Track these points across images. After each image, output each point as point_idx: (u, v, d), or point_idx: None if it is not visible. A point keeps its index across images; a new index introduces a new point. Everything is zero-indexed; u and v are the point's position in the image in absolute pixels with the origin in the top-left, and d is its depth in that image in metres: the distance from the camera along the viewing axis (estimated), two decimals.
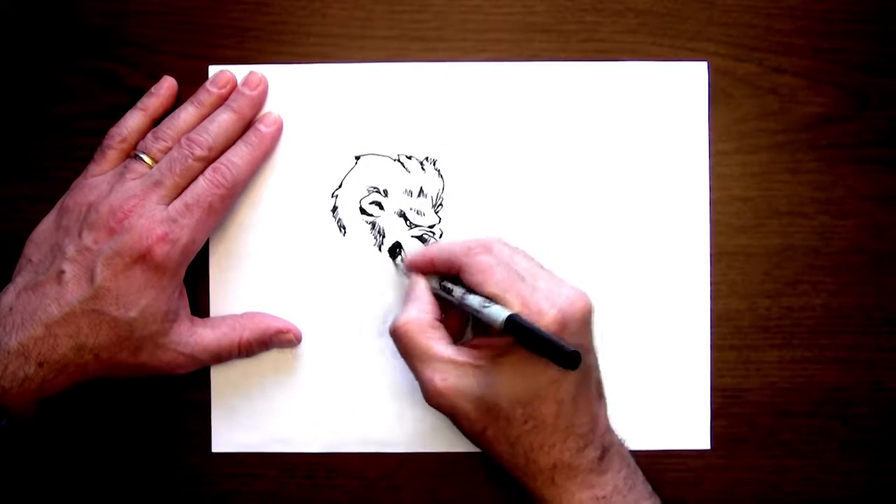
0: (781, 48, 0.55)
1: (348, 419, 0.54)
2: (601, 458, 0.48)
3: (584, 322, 0.47)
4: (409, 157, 0.55)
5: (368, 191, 0.55)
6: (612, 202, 0.54)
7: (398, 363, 0.54)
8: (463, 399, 0.47)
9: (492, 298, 0.47)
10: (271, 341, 0.53)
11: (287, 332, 0.53)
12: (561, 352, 0.43)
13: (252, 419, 0.54)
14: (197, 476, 0.55)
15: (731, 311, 0.55)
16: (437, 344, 0.48)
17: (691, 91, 0.54)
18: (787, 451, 0.55)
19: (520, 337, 0.45)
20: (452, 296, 0.50)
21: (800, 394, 0.55)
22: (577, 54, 0.55)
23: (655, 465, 0.53)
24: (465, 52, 0.55)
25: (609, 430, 0.50)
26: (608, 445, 0.49)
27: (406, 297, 0.51)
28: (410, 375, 0.52)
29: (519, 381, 0.47)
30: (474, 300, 0.48)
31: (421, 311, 0.50)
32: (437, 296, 0.51)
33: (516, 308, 0.46)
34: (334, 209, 0.54)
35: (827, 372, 0.55)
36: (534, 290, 0.47)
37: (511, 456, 0.48)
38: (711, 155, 0.55)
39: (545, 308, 0.46)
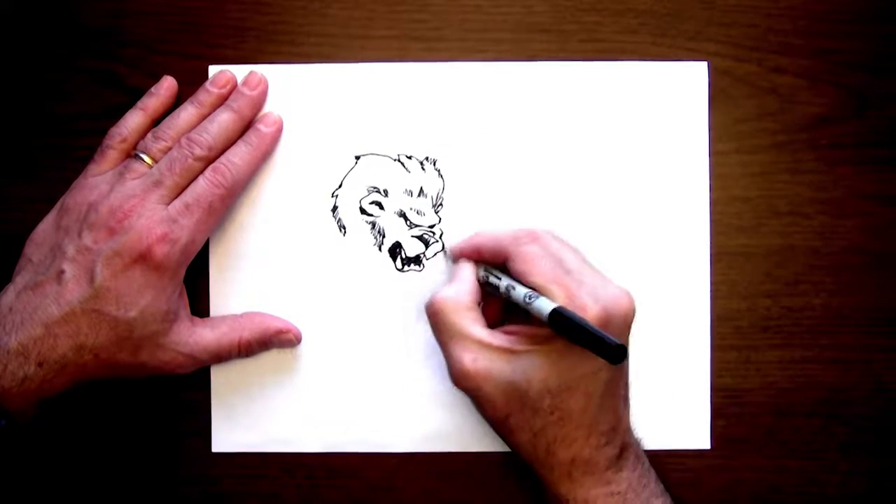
0: (781, 48, 0.55)
1: (348, 419, 0.54)
2: (619, 456, 0.49)
3: (626, 322, 0.48)
4: (409, 157, 0.55)
5: (368, 191, 0.54)
6: (612, 202, 0.54)
7: (398, 363, 0.54)
8: (491, 383, 0.47)
9: (536, 289, 0.47)
10: (271, 341, 0.53)
11: (287, 332, 0.53)
12: (607, 345, 0.43)
13: (252, 419, 0.54)
14: (197, 476, 0.55)
15: (731, 311, 0.55)
16: (472, 324, 0.48)
17: (691, 91, 0.54)
18: (787, 451, 0.55)
19: (565, 329, 0.45)
20: (498, 283, 0.50)
21: (800, 394, 0.55)
22: (577, 54, 0.55)
23: (655, 464, 0.53)
24: (465, 52, 0.55)
25: (629, 430, 0.50)
26: (627, 444, 0.49)
27: (450, 278, 0.52)
28: (411, 375, 0.52)
29: (553, 370, 0.47)
30: (520, 290, 0.48)
31: (460, 291, 0.50)
32: (481, 284, 0.51)
33: (561, 300, 0.46)
34: (334, 209, 0.54)
35: (827, 372, 0.55)
36: (580, 285, 0.47)
37: (532, 446, 0.48)
38: (711, 155, 0.55)
39: (589, 303, 0.46)
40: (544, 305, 0.46)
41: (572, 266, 0.48)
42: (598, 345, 0.43)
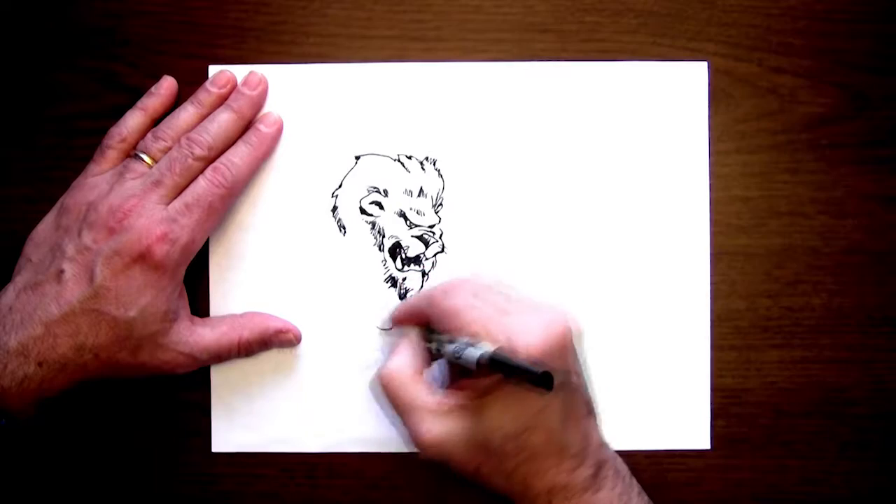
0: (781, 48, 0.55)
1: (348, 419, 0.54)
2: (595, 475, 0.48)
3: (561, 348, 0.47)
4: (409, 157, 0.55)
5: (368, 191, 0.54)
6: (612, 202, 0.54)
7: None
8: (452, 445, 0.48)
9: (464, 344, 0.47)
10: (271, 341, 0.53)
11: (287, 332, 0.53)
12: (533, 375, 0.43)
13: (252, 419, 0.54)
14: (197, 476, 0.55)
15: (731, 311, 0.55)
16: (420, 394, 0.49)
17: (691, 91, 0.54)
18: (787, 451, 0.55)
19: (496, 371, 0.45)
20: (430, 347, 0.50)
21: (800, 394, 0.55)
22: (577, 54, 0.55)
23: (655, 465, 0.53)
24: (465, 52, 0.55)
25: (602, 444, 0.50)
26: (602, 461, 0.49)
27: (392, 349, 0.52)
28: None
29: (507, 415, 0.47)
30: (447, 348, 0.48)
31: (402, 362, 0.50)
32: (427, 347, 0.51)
33: (492, 345, 0.46)
34: (334, 209, 0.54)
35: (827, 372, 0.55)
36: (506, 328, 0.47)
37: (508, 486, 0.49)
38: (711, 155, 0.55)
39: (521, 341, 0.46)
40: (470, 356, 0.46)
41: (495, 307, 0.48)
42: (525, 376, 0.43)
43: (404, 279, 0.54)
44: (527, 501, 0.49)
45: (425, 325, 0.51)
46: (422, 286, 0.54)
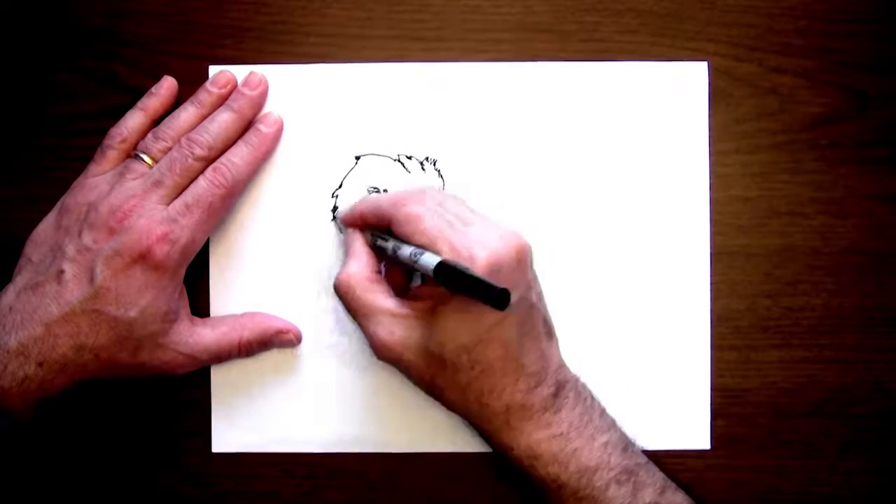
0: (781, 48, 0.55)
1: (348, 419, 0.54)
2: (555, 394, 0.48)
3: (519, 261, 0.47)
4: (409, 157, 0.55)
5: (369, 191, 0.54)
6: (612, 202, 0.54)
7: None
8: (409, 351, 0.48)
9: (423, 248, 0.47)
10: (271, 341, 0.53)
11: (287, 332, 0.53)
12: (489, 291, 0.42)
13: (252, 419, 0.54)
14: (197, 476, 0.55)
15: (731, 311, 0.55)
16: (379, 297, 0.49)
17: (691, 91, 0.54)
18: (787, 451, 0.55)
19: (450, 282, 0.44)
20: (385, 246, 0.50)
21: (800, 394, 0.55)
22: (577, 54, 0.55)
23: (655, 465, 0.53)
24: (465, 52, 0.55)
25: (562, 366, 0.50)
26: (562, 382, 0.49)
27: (345, 252, 0.52)
28: None
29: (461, 326, 0.47)
30: (405, 251, 0.48)
31: (360, 265, 0.50)
32: (374, 249, 0.51)
33: (446, 254, 0.46)
34: (335, 209, 0.54)
35: (827, 372, 0.55)
36: (464, 236, 0.47)
37: (464, 402, 0.49)
38: (711, 155, 0.55)
39: (476, 252, 0.46)
40: (429, 261, 0.45)
41: (456, 219, 0.48)
42: (480, 292, 0.43)
43: None
44: (484, 421, 0.49)
45: (374, 229, 0.51)
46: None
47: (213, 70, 0.54)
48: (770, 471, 0.55)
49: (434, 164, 0.54)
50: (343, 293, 0.50)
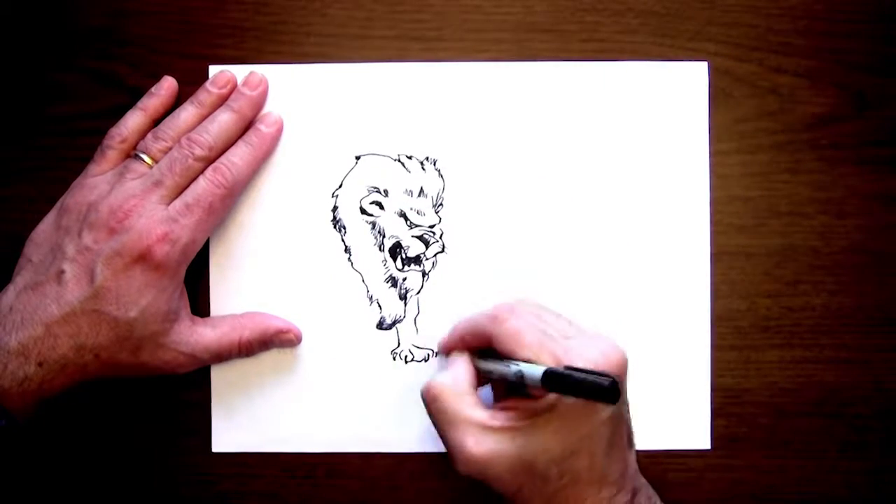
0: (781, 48, 0.55)
1: (348, 419, 0.54)
2: (631, 501, 0.48)
3: (621, 374, 0.47)
4: (410, 157, 0.55)
5: (369, 191, 0.55)
6: (612, 202, 0.54)
7: (399, 363, 0.54)
8: (497, 462, 0.47)
9: (526, 363, 0.47)
10: (271, 341, 0.53)
11: (287, 332, 0.53)
12: (602, 386, 0.42)
13: (252, 419, 0.54)
14: (197, 476, 0.55)
15: (731, 311, 0.55)
16: (471, 408, 0.48)
17: (691, 91, 0.54)
18: (787, 451, 0.55)
19: (560, 386, 0.44)
20: (490, 369, 0.49)
21: (800, 394, 0.55)
22: (577, 54, 0.55)
23: (655, 465, 0.53)
24: (465, 52, 0.55)
25: (637, 472, 0.50)
26: (637, 488, 0.49)
27: (442, 366, 0.51)
28: (411, 375, 0.52)
29: (555, 438, 0.46)
30: (511, 367, 0.47)
31: (457, 378, 0.49)
32: (477, 370, 0.50)
33: (551, 365, 0.45)
34: (335, 209, 0.54)
35: (827, 372, 0.55)
36: (567, 350, 0.46)
37: None
38: (711, 155, 0.55)
39: (579, 363, 0.45)
40: (535, 372, 0.45)
41: (556, 331, 0.48)
42: (593, 388, 0.43)
43: (404, 279, 0.55)
44: None
45: (476, 350, 0.50)
46: (422, 286, 0.54)
47: (213, 70, 0.54)
48: (770, 471, 0.55)
49: (434, 164, 0.54)
50: (431, 399, 0.48)
